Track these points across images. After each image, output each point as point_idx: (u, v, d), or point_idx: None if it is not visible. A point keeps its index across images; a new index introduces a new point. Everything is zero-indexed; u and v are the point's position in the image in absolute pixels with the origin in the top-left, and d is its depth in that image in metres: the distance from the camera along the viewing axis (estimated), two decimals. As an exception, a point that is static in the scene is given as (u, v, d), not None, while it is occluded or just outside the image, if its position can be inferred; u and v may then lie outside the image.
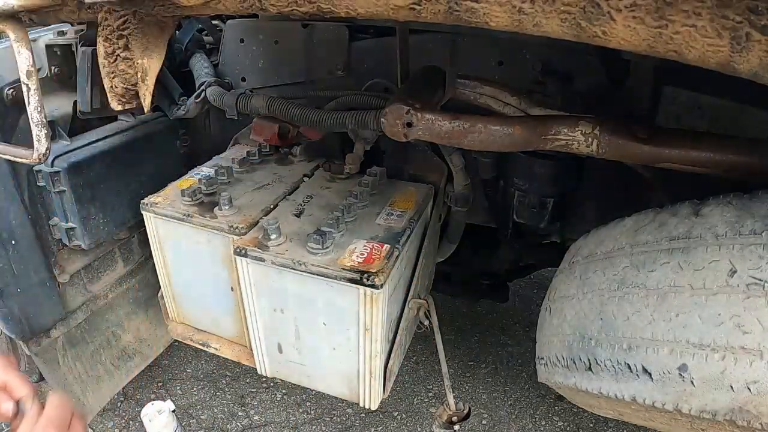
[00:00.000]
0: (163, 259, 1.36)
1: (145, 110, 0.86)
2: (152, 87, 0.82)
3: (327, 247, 1.07)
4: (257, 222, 1.20)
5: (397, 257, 1.10)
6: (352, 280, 1.03)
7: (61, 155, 1.33)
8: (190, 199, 1.25)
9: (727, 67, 0.48)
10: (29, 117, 0.75)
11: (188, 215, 1.22)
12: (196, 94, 1.48)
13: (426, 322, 1.31)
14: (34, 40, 1.38)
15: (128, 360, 1.74)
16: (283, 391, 2.14)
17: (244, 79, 1.61)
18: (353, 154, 1.41)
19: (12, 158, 0.83)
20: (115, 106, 0.85)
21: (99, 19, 0.76)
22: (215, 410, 2.06)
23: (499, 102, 1.07)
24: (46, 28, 1.42)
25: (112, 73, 0.81)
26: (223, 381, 2.19)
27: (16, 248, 1.32)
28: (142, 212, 1.30)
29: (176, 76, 1.60)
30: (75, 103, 1.41)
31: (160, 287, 1.44)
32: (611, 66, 1.18)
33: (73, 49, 1.40)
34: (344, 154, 1.44)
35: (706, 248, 0.65)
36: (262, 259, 1.10)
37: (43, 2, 0.68)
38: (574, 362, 0.82)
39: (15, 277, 1.33)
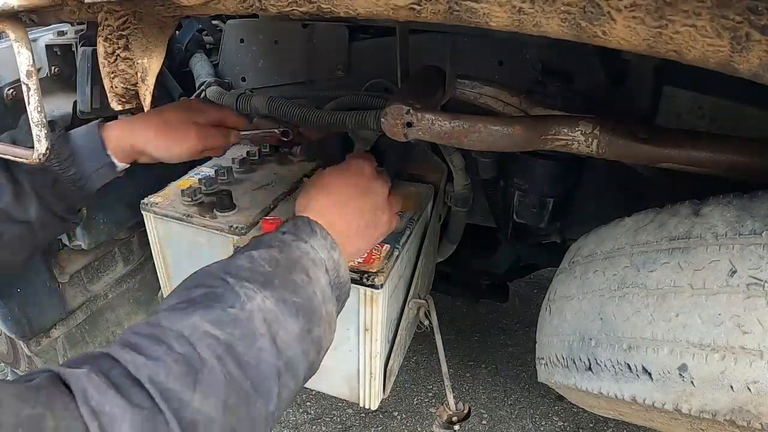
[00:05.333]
0: (163, 260, 1.36)
1: (145, 110, 0.86)
2: (152, 87, 0.82)
3: (327, 247, 1.07)
4: (257, 222, 1.19)
5: (397, 257, 1.09)
6: (351, 280, 1.02)
7: (61, 155, 1.33)
8: (190, 199, 1.25)
9: (727, 67, 0.48)
10: (29, 117, 0.75)
11: (188, 215, 1.22)
12: (196, 94, 1.48)
13: (426, 322, 1.31)
14: (34, 40, 1.38)
15: (128, 360, 1.74)
16: (283, 391, 2.14)
17: (244, 79, 1.61)
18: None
19: (12, 158, 0.82)
20: (115, 106, 0.85)
21: (99, 19, 0.76)
22: (215, 410, 2.05)
23: (499, 102, 1.07)
24: (46, 28, 1.42)
25: (112, 73, 0.80)
26: (223, 381, 2.19)
27: (16, 248, 1.32)
28: (142, 212, 1.30)
29: (176, 76, 1.61)
30: (75, 103, 1.41)
31: (160, 287, 1.43)
32: (611, 66, 1.18)
33: (73, 49, 1.40)
34: (344, 154, 1.43)
35: (706, 248, 0.65)
36: (262, 259, 1.10)
37: (43, 2, 0.67)
38: (574, 362, 0.82)
39: (15, 277, 1.33)
